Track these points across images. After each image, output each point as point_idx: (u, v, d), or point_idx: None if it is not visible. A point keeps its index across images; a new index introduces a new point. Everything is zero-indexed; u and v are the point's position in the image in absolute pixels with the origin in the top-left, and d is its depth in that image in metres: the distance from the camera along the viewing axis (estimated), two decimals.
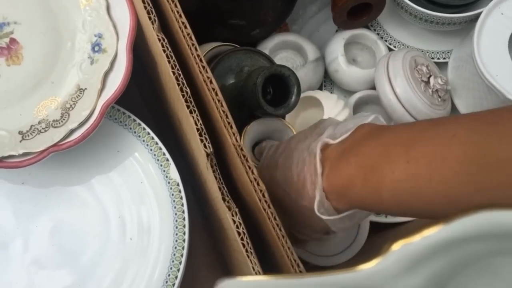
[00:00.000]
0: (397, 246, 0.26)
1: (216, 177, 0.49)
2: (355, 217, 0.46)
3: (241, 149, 0.48)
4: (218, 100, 0.48)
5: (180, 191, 0.57)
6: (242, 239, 0.47)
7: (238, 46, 0.66)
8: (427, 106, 0.67)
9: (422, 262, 0.27)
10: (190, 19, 0.56)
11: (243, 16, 0.69)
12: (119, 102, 0.56)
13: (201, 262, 0.71)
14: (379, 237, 0.73)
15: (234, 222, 0.47)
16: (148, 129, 0.58)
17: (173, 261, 0.55)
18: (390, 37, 0.75)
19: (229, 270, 0.68)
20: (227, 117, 0.48)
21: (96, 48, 0.56)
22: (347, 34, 0.73)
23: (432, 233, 0.26)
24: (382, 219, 0.72)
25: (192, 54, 0.49)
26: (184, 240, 0.55)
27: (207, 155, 0.48)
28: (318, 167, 0.44)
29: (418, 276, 0.27)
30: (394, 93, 0.67)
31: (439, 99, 0.68)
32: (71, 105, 0.55)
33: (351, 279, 0.28)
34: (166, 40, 0.49)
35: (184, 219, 0.56)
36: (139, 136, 0.58)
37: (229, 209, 0.48)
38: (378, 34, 0.75)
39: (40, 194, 0.58)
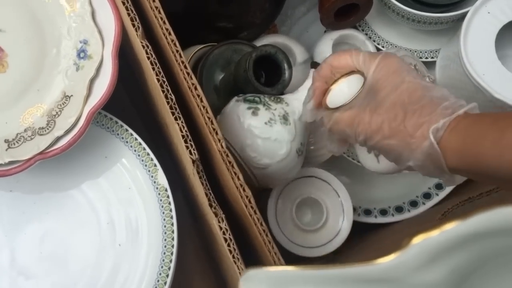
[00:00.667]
0: (417, 240, 0.27)
1: (202, 183, 0.49)
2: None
3: (227, 155, 0.48)
4: (203, 107, 0.48)
5: (168, 196, 0.57)
6: (228, 245, 0.47)
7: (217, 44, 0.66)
8: None
9: (442, 256, 0.27)
10: (177, 22, 0.55)
11: (230, 19, 0.69)
12: (107, 106, 0.56)
13: (192, 265, 0.71)
14: (371, 236, 0.73)
15: (221, 228, 0.47)
16: (135, 135, 0.58)
17: (162, 267, 0.55)
18: (378, 37, 0.75)
19: (220, 273, 0.69)
20: (212, 123, 0.48)
21: (82, 55, 0.56)
22: (335, 34, 0.73)
23: (451, 228, 0.26)
24: (372, 219, 0.72)
25: (177, 61, 0.49)
26: (173, 246, 0.55)
27: (193, 161, 0.48)
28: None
29: (437, 270, 0.28)
30: None
31: None
32: (57, 112, 0.55)
33: (371, 272, 0.28)
34: (150, 47, 0.49)
35: (172, 224, 0.56)
36: (127, 142, 0.58)
37: (216, 215, 0.48)
38: (366, 34, 0.75)
39: (28, 201, 0.58)
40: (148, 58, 0.49)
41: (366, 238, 0.73)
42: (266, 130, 0.54)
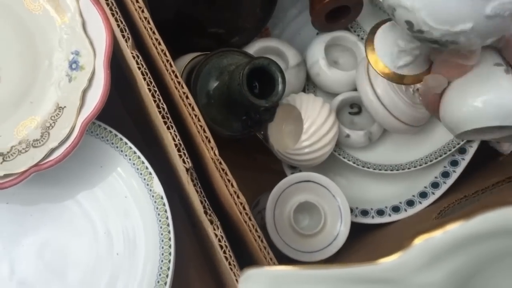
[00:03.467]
0: (419, 240, 0.27)
1: (197, 191, 0.49)
2: None
3: (220, 163, 0.48)
4: (195, 115, 0.49)
5: (164, 204, 0.57)
6: (224, 252, 0.47)
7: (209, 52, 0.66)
8: (409, 106, 0.67)
9: (444, 257, 0.27)
10: (169, 29, 0.56)
11: (221, 24, 0.69)
12: (102, 115, 0.56)
13: (191, 270, 0.71)
14: (368, 236, 0.73)
15: (216, 235, 0.47)
16: (130, 144, 0.58)
17: (160, 274, 0.56)
18: None
19: (219, 276, 0.69)
20: (204, 131, 0.49)
21: (74, 66, 0.56)
22: (327, 36, 0.73)
23: (454, 228, 0.26)
24: (369, 220, 0.72)
25: (167, 70, 0.49)
26: (170, 253, 0.56)
27: (187, 170, 0.48)
28: None
29: (439, 271, 0.28)
30: (375, 94, 0.67)
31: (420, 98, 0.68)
32: (50, 124, 0.55)
33: (372, 272, 0.28)
34: (140, 57, 0.49)
35: (169, 232, 0.56)
36: (122, 151, 0.59)
37: (211, 222, 0.48)
38: (358, 35, 0.75)
39: (25, 213, 0.58)
40: (139, 68, 0.49)
41: (363, 239, 0.73)
42: None
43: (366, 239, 0.73)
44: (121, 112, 0.75)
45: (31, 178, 0.54)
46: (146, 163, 0.58)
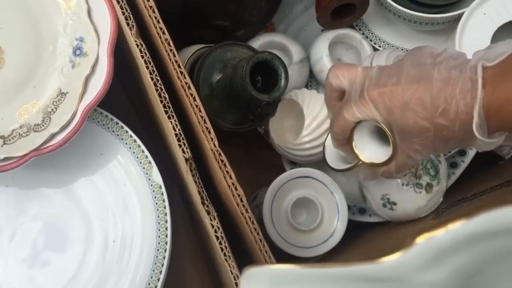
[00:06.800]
0: (421, 239, 0.27)
1: (195, 181, 0.50)
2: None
3: (219, 154, 0.48)
4: (196, 106, 0.49)
5: (162, 194, 0.57)
6: (220, 243, 0.47)
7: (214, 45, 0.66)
8: None
9: (446, 256, 0.27)
10: (174, 20, 0.56)
11: (227, 17, 0.69)
12: (104, 103, 0.56)
13: (187, 259, 0.71)
14: (366, 234, 0.73)
15: (213, 226, 0.48)
16: (130, 132, 0.59)
17: (155, 263, 0.56)
18: (375, 36, 0.75)
19: (215, 267, 0.69)
20: (205, 122, 0.49)
21: (78, 52, 0.56)
22: (332, 34, 0.73)
23: (456, 227, 0.26)
24: (366, 218, 0.72)
25: (170, 60, 0.49)
26: (166, 243, 0.56)
27: (186, 160, 0.48)
28: (479, 89, 0.42)
29: (441, 270, 0.28)
30: None
31: None
32: (52, 109, 0.55)
33: (374, 270, 0.28)
34: (144, 45, 0.49)
35: (166, 221, 0.56)
36: (122, 139, 0.59)
37: (208, 213, 0.48)
38: (363, 33, 0.75)
39: (23, 197, 0.59)
40: (142, 56, 0.49)
41: (360, 237, 0.73)
42: None
43: (364, 237, 0.73)
44: (122, 101, 0.75)
45: (31, 162, 0.54)
46: (146, 152, 0.58)
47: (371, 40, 0.75)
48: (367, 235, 0.73)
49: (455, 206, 0.66)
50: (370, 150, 0.49)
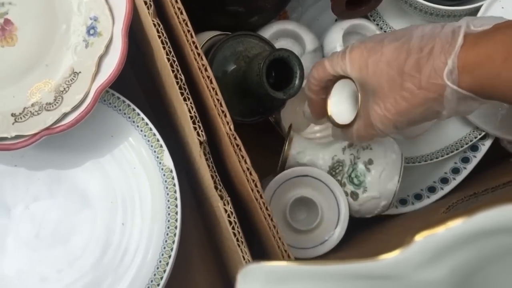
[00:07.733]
0: (420, 237, 0.27)
1: (209, 165, 0.49)
2: (471, 105, 0.44)
3: (235, 138, 0.48)
4: (213, 88, 0.48)
5: (173, 178, 0.57)
6: (233, 228, 0.47)
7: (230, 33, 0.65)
8: None
9: (445, 253, 0.27)
10: (189, 5, 0.55)
11: (241, 3, 0.68)
12: (114, 86, 0.55)
13: (194, 248, 0.71)
14: (375, 227, 0.73)
15: (226, 211, 0.47)
16: (142, 115, 0.58)
17: (164, 248, 0.55)
18: (390, 28, 0.74)
19: (221, 257, 0.69)
20: (221, 105, 0.48)
21: (91, 31, 0.55)
22: (346, 24, 0.73)
23: (456, 225, 0.26)
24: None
25: (188, 41, 0.48)
26: (176, 227, 0.55)
27: (200, 143, 0.48)
28: (460, 37, 0.41)
29: (440, 267, 0.28)
30: None
31: None
32: (64, 88, 0.54)
33: (373, 268, 0.28)
34: (161, 25, 0.48)
35: (176, 206, 0.56)
36: (133, 122, 0.58)
37: (221, 198, 0.48)
38: (377, 24, 0.74)
39: (33, 177, 0.58)
40: (159, 37, 0.48)
41: (369, 230, 0.72)
42: None
43: (372, 230, 0.72)
44: (132, 84, 0.74)
45: (41, 142, 0.53)
46: (158, 136, 0.57)
47: (385, 32, 0.74)
48: (376, 228, 0.72)
49: (466, 201, 0.65)
50: (341, 110, 0.53)
